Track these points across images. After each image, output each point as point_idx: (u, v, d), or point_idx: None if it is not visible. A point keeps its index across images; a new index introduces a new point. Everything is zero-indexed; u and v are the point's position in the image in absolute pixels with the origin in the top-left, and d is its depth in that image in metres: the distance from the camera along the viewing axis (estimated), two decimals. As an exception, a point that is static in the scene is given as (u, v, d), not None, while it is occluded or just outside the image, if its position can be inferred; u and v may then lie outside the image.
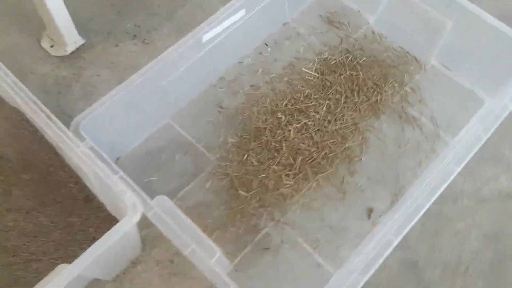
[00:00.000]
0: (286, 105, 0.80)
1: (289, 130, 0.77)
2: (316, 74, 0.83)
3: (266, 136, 0.76)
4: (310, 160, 0.75)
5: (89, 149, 0.55)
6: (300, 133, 0.77)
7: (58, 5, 0.74)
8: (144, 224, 0.64)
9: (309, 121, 0.78)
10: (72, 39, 0.82)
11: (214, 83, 0.83)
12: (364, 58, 0.85)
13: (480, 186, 0.77)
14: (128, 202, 0.52)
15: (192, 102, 0.81)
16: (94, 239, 0.68)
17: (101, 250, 0.49)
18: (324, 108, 0.79)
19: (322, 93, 0.81)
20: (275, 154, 0.75)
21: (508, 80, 0.74)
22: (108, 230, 0.67)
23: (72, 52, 0.84)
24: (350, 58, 0.85)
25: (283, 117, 0.78)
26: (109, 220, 0.67)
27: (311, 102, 0.80)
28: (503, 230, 0.72)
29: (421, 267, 0.70)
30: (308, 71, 0.84)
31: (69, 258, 0.65)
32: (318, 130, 0.77)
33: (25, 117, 0.62)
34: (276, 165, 0.74)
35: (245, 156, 0.75)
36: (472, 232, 0.72)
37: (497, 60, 0.80)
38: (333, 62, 0.85)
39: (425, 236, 0.72)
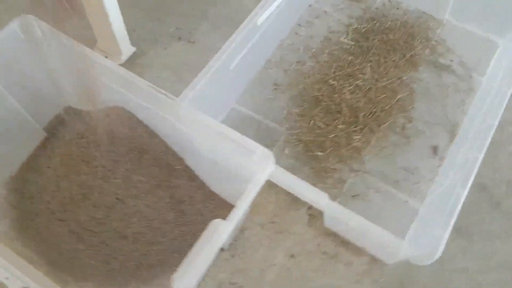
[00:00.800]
0: (334, 72, 0.88)
1: (344, 93, 0.84)
2: (352, 42, 0.92)
3: (325, 102, 0.84)
4: (370, 115, 0.83)
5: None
6: (354, 94, 0.84)
7: (116, 13, 0.80)
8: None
9: (359, 82, 0.86)
10: (126, 47, 0.88)
11: (263, 66, 0.90)
12: (389, 22, 0.95)
13: (517, 112, 0.86)
14: (261, 154, 0.57)
15: (249, 86, 0.87)
16: (202, 215, 0.73)
17: (248, 202, 0.54)
18: (369, 69, 0.87)
19: (362, 58, 0.89)
20: (338, 115, 0.82)
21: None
22: (212, 206, 0.73)
23: (126, 61, 0.89)
24: (377, 25, 0.94)
25: (335, 82, 0.86)
26: (212, 196, 0.72)
27: (356, 67, 0.88)
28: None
29: (488, 187, 0.78)
30: (345, 41, 0.92)
31: (185, 235, 0.69)
32: (370, 88, 0.85)
33: (130, 113, 0.67)
34: (341, 124, 0.81)
35: (311, 121, 0.82)
36: (523, 150, 0.82)
37: (503, 6, 0.90)
38: (364, 30, 0.94)
39: (485, 162, 0.79)
